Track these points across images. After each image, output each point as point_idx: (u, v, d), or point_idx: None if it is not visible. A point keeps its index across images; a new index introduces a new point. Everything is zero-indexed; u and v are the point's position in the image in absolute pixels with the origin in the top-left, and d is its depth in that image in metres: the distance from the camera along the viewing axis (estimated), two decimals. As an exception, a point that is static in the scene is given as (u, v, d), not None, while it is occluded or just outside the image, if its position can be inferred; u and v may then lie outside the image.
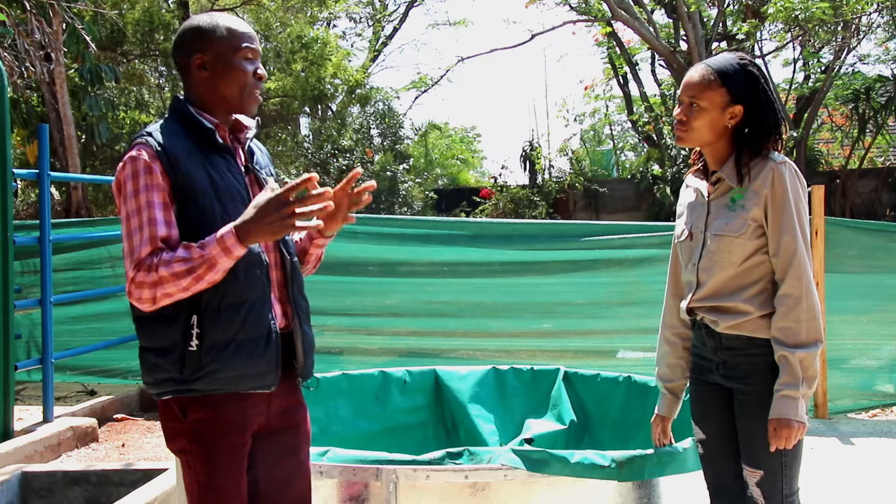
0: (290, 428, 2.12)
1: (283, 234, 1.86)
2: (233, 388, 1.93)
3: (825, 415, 5.49)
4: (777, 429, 2.15)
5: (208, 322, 1.89)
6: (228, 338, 1.91)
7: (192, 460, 1.97)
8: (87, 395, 6.35)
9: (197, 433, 1.95)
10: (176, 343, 1.89)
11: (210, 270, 1.82)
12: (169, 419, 1.99)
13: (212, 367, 1.90)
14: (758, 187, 2.23)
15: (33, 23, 7.96)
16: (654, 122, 14.88)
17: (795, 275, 2.19)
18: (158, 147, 1.91)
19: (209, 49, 1.99)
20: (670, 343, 2.54)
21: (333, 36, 17.69)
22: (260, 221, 1.81)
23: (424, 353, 6.14)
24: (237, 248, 1.83)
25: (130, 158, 1.91)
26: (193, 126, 1.99)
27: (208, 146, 1.99)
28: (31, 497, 3.65)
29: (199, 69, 2.00)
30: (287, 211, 1.81)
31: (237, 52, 1.99)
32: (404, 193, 14.72)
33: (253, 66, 2.02)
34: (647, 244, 5.90)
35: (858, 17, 11.66)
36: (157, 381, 1.94)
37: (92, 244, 6.51)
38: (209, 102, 2.02)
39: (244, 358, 1.92)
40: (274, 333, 1.98)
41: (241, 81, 2.00)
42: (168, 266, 1.81)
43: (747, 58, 2.34)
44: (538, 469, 2.44)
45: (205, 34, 2.00)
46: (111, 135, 11.75)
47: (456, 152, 26.23)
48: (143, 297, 1.83)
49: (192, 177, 1.91)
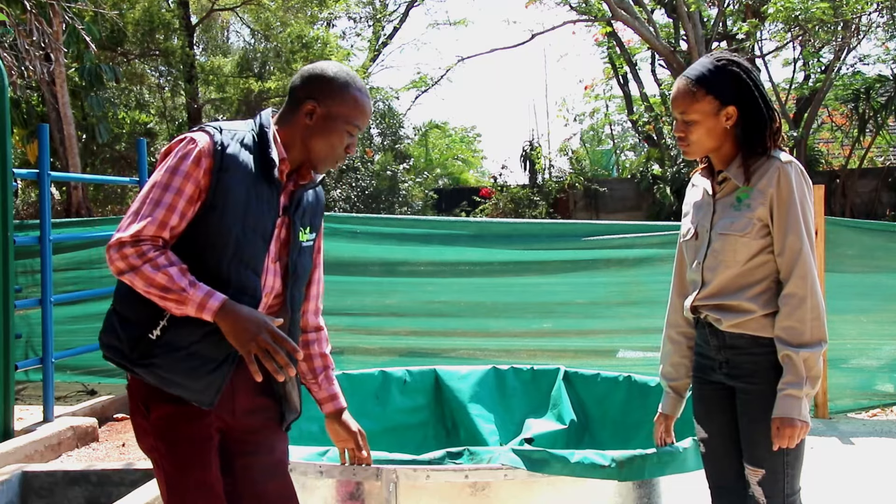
0: (262, 427, 2.10)
1: (240, 349, 1.89)
2: (164, 387, 1.92)
3: (825, 414, 5.49)
4: (780, 428, 2.15)
5: (177, 321, 1.89)
6: (184, 344, 1.91)
7: (158, 457, 1.98)
8: (87, 394, 6.35)
9: (160, 429, 1.96)
10: (141, 322, 1.91)
11: (177, 304, 1.84)
12: (136, 416, 2.01)
13: (157, 361, 1.90)
14: (763, 187, 2.23)
15: (33, 23, 7.95)
16: (654, 121, 14.88)
17: (800, 274, 2.19)
18: (219, 146, 1.92)
19: (326, 103, 2.00)
20: (675, 342, 2.53)
21: (333, 36, 17.69)
22: (242, 323, 1.87)
23: (424, 352, 6.14)
24: (209, 313, 1.85)
25: (190, 139, 1.92)
26: (264, 149, 1.98)
27: (262, 172, 1.97)
28: (31, 497, 3.65)
29: (306, 115, 2.00)
30: (263, 342, 1.87)
31: (347, 123, 2.01)
32: (404, 193, 14.73)
33: (350, 139, 2.04)
34: (647, 244, 5.90)
35: (858, 17, 11.66)
36: (107, 345, 1.97)
37: (92, 244, 6.51)
38: (293, 142, 2.02)
39: (188, 369, 1.91)
40: (230, 360, 1.95)
41: (333, 147, 2.02)
42: (154, 270, 1.83)
43: (724, 57, 2.30)
44: (538, 469, 2.44)
45: (331, 87, 2.01)
46: (111, 135, 11.76)
47: (456, 152, 26.24)
48: (116, 264, 1.85)
49: (232, 190, 1.91)
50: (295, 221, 2.06)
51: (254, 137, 2.00)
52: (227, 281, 1.91)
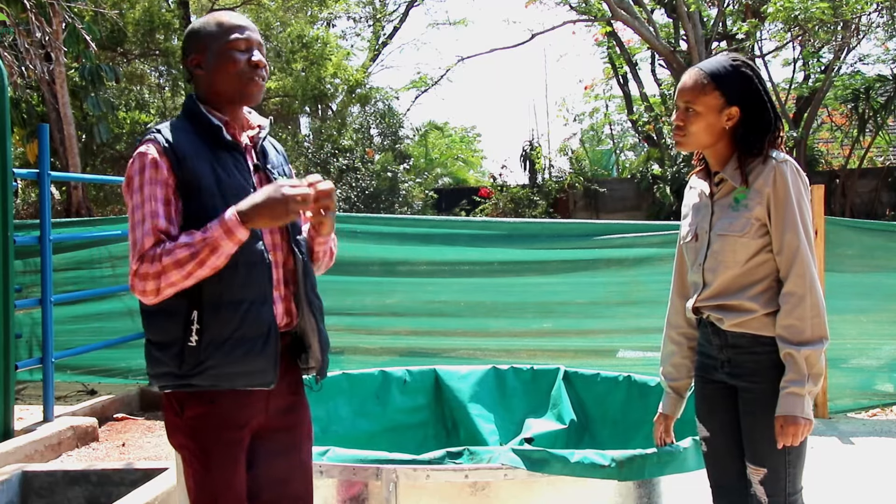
0: (292, 427, 2.12)
1: (285, 219, 1.88)
2: (229, 384, 1.94)
3: (825, 414, 5.49)
4: (784, 426, 2.16)
5: (208, 318, 1.90)
6: (227, 334, 1.91)
7: (188, 455, 1.99)
8: (87, 394, 6.35)
9: (193, 429, 1.96)
10: (176, 338, 1.91)
11: (213, 254, 1.83)
12: (169, 413, 2.01)
13: (210, 362, 1.91)
14: (760, 186, 2.24)
15: (33, 22, 7.96)
16: (654, 121, 14.89)
17: (799, 272, 2.20)
18: (166, 143, 1.93)
19: (201, 48, 2.02)
20: (676, 342, 2.54)
21: (333, 36, 17.70)
22: (265, 206, 1.84)
23: (424, 352, 6.14)
24: (239, 229, 1.84)
25: (139, 154, 1.94)
26: (202, 123, 2.01)
27: (217, 144, 2.00)
28: (31, 496, 3.65)
29: (196, 69, 2.03)
30: (293, 196, 1.84)
31: (226, 44, 2.00)
32: (404, 193, 14.72)
33: (245, 55, 2.01)
34: (647, 244, 5.90)
35: (858, 17, 11.66)
36: (157, 375, 1.97)
37: (92, 244, 6.51)
38: (213, 99, 2.03)
39: (242, 355, 1.92)
40: (273, 332, 1.97)
41: (234, 71, 2.00)
42: (171, 254, 1.83)
43: (740, 58, 2.34)
44: (538, 469, 2.44)
45: (197, 34, 2.04)
46: (111, 134, 11.76)
47: (456, 152, 26.25)
48: (147, 288, 1.85)
49: (197, 174, 1.93)
50: (271, 173, 2.08)
51: (189, 121, 2.02)
52: (234, 258, 1.91)
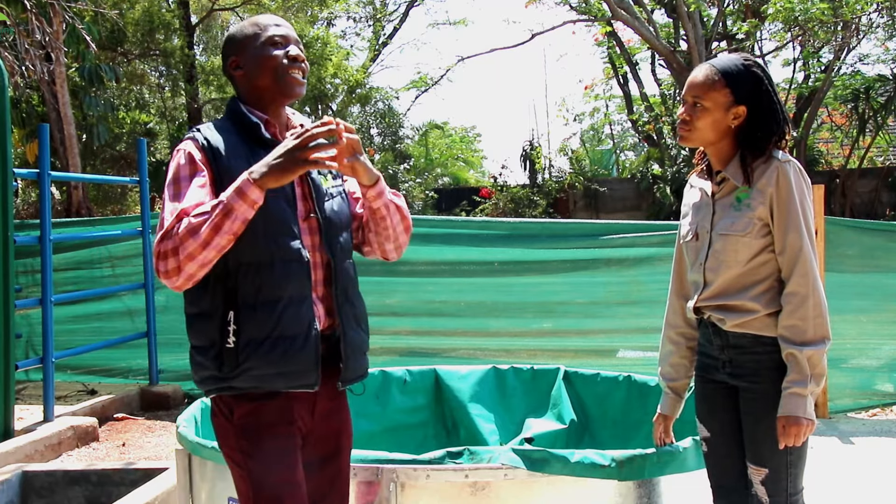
0: (334, 433, 2.11)
1: (297, 171, 1.83)
2: (270, 385, 1.91)
3: (825, 414, 5.49)
4: (786, 426, 2.15)
5: (244, 318, 1.88)
6: (265, 334, 1.89)
7: (241, 459, 1.95)
8: (87, 394, 6.35)
9: (244, 428, 1.93)
10: (214, 340, 1.90)
11: (227, 217, 1.79)
12: (219, 419, 1.99)
13: (248, 363, 1.88)
14: (763, 186, 2.24)
15: (34, 22, 7.96)
16: (654, 121, 14.89)
17: (801, 272, 2.20)
18: (204, 141, 1.95)
19: (239, 49, 2.04)
20: (674, 342, 2.54)
21: (333, 36, 17.70)
22: (273, 159, 1.82)
23: (424, 352, 6.14)
24: (251, 189, 1.80)
25: (178, 151, 1.96)
26: (242, 121, 2.02)
27: (256, 141, 2.00)
28: (31, 496, 3.65)
29: (235, 70, 2.05)
30: (299, 144, 1.82)
31: (264, 41, 2.01)
32: (405, 193, 14.72)
33: (282, 49, 2.01)
34: (647, 243, 5.90)
35: (858, 17, 11.67)
36: (201, 379, 1.97)
37: (92, 244, 6.52)
38: (254, 98, 2.04)
39: (280, 355, 1.89)
40: (314, 331, 1.94)
41: (272, 66, 2.00)
42: (186, 224, 1.79)
43: (751, 58, 2.34)
44: (538, 468, 2.44)
45: (234, 39, 2.07)
46: (111, 134, 11.77)
47: (456, 152, 26.25)
48: (169, 267, 1.80)
49: (233, 170, 1.89)
50: (309, 172, 2.03)
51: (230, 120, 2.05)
52: (270, 256, 1.91)
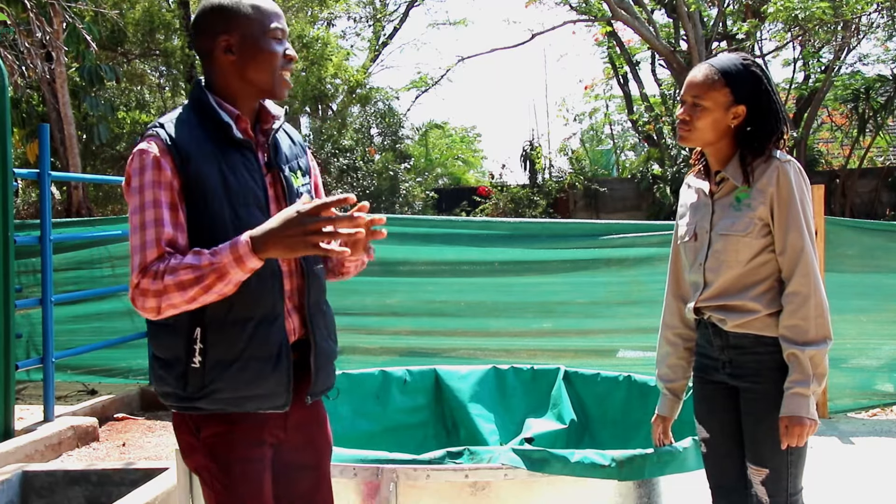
0: (310, 441, 2.01)
1: (302, 253, 1.67)
2: (238, 408, 1.80)
3: (825, 414, 5.49)
4: (789, 426, 2.15)
5: (212, 337, 1.76)
6: (233, 355, 1.77)
7: (208, 477, 1.85)
8: (87, 394, 6.35)
9: (211, 449, 1.83)
10: (179, 357, 1.77)
11: (220, 281, 1.66)
12: (183, 433, 1.87)
13: (215, 385, 1.76)
14: (763, 186, 2.24)
15: (34, 22, 7.96)
16: (654, 121, 14.89)
17: (803, 272, 2.20)
18: (169, 141, 1.76)
19: (235, 29, 1.81)
20: (671, 343, 2.53)
21: (334, 36, 17.68)
22: (280, 233, 1.65)
23: (425, 352, 6.14)
24: (251, 259, 1.66)
25: (139, 151, 1.76)
26: (210, 117, 1.82)
27: (225, 140, 1.82)
28: (31, 496, 3.65)
29: (224, 53, 1.82)
30: (312, 227, 1.64)
31: (266, 32, 1.82)
32: (405, 193, 14.73)
33: (282, 46, 1.85)
34: (647, 243, 5.90)
35: (858, 17, 11.67)
36: (162, 394, 1.84)
37: (92, 244, 6.52)
38: (236, 89, 1.85)
39: (251, 378, 1.78)
40: (284, 352, 1.82)
41: (272, 64, 1.82)
42: (174, 274, 1.66)
43: (750, 58, 2.34)
44: (538, 468, 2.44)
45: (229, 13, 1.81)
46: (111, 134, 11.77)
47: (456, 152, 26.26)
48: (147, 305, 1.69)
49: (203, 176, 1.76)
50: (283, 171, 1.90)
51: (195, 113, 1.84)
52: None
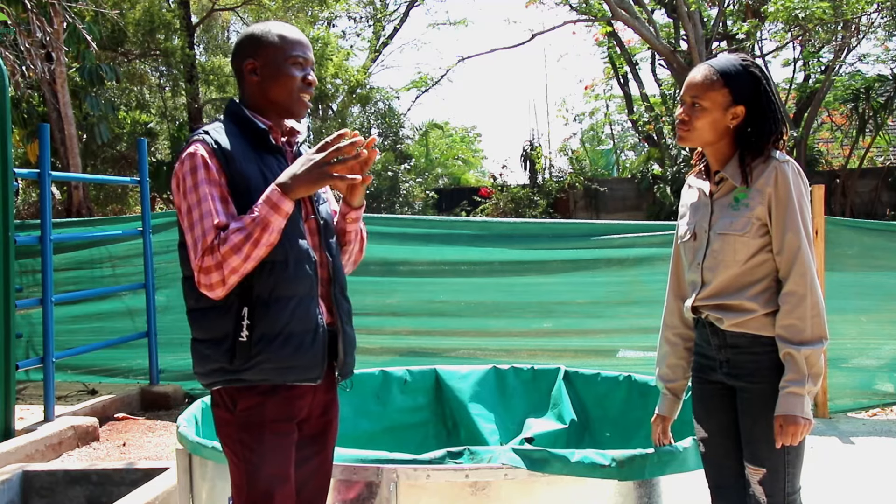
0: (324, 425, 2.19)
1: (325, 184, 1.96)
2: (280, 379, 1.99)
3: (825, 414, 5.49)
4: (784, 425, 2.16)
5: (258, 314, 1.96)
6: (277, 330, 1.97)
7: (240, 449, 2.02)
8: (88, 394, 6.35)
9: (247, 422, 2.00)
10: (227, 333, 1.96)
11: (265, 231, 1.89)
12: (220, 410, 2.05)
13: (261, 357, 1.96)
14: (761, 186, 2.24)
15: (34, 22, 7.97)
16: (654, 121, 14.89)
17: (799, 272, 2.20)
18: (215, 144, 1.99)
19: (261, 55, 2.08)
20: (671, 343, 2.54)
21: (334, 36, 17.70)
22: (302, 173, 1.93)
23: (425, 352, 6.14)
24: (284, 202, 1.91)
25: (189, 155, 1.98)
26: (248, 127, 2.08)
27: (261, 146, 2.08)
28: (32, 496, 3.66)
29: (250, 74, 2.10)
30: (325, 159, 1.94)
31: (287, 59, 2.08)
32: (405, 193, 14.74)
33: (303, 72, 2.10)
34: (647, 244, 5.90)
35: (858, 17, 11.67)
36: (207, 372, 2.01)
37: (93, 244, 6.52)
38: (261, 106, 2.11)
39: (292, 350, 1.98)
40: (321, 328, 2.04)
41: (290, 86, 2.08)
42: (226, 242, 1.88)
43: (749, 59, 2.35)
44: (538, 468, 2.45)
45: (258, 41, 2.10)
46: (112, 134, 11.78)
47: (456, 152, 26.27)
48: (213, 280, 1.89)
49: (246, 174, 1.99)
50: None
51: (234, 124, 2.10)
52: (285, 255, 1.98)
